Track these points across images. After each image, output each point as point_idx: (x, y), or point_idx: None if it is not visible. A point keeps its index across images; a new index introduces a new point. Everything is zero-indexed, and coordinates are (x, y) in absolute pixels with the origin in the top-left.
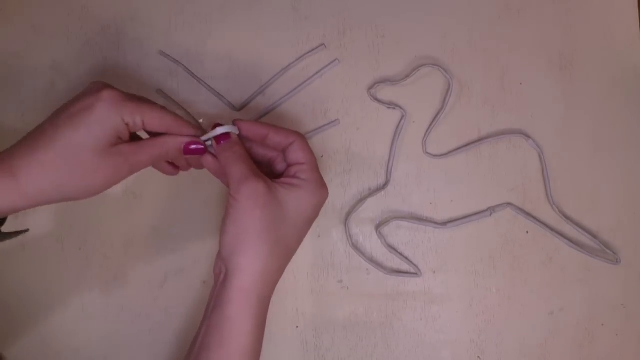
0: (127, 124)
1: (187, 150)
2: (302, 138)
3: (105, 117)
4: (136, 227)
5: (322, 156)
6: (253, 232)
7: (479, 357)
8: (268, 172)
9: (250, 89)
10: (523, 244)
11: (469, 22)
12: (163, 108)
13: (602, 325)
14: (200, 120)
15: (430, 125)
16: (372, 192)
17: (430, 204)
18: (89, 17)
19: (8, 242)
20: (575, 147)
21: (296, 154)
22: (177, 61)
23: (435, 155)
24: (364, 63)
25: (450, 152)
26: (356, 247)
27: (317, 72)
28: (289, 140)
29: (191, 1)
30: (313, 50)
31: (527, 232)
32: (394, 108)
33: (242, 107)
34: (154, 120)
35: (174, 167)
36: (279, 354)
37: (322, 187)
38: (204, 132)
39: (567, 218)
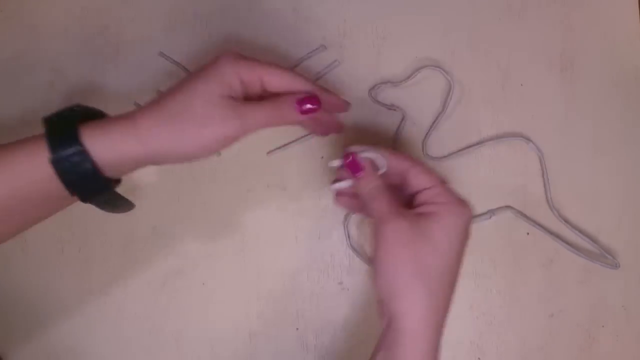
0: (242, 82)
1: (301, 111)
2: (419, 163)
3: (222, 71)
4: (136, 227)
5: (322, 157)
6: (405, 274)
7: (479, 358)
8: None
9: None
10: (523, 246)
11: (470, 23)
12: (286, 69)
13: (603, 327)
14: None
15: (431, 126)
16: None
17: None
18: (89, 17)
19: (8, 244)
20: (575, 148)
21: (417, 178)
22: (177, 62)
23: (435, 157)
24: (364, 64)
25: (450, 154)
26: (355, 249)
27: (317, 73)
28: (403, 165)
29: (191, 2)
30: (313, 51)
31: (528, 233)
32: (395, 109)
33: None
34: (273, 77)
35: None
36: (279, 356)
37: (462, 206)
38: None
39: (567, 221)
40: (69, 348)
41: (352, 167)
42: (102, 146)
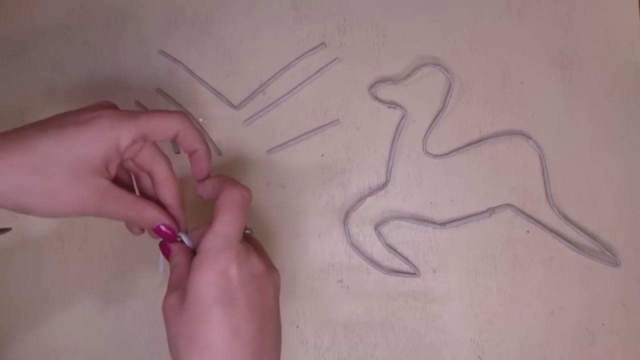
0: (119, 149)
1: (157, 230)
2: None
3: (99, 136)
4: None
5: (322, 155)
6: (179, 350)
7: (479, 356)
8: None
9: (250, 88)
10: (524, 243)
11: (470, 21)
12: (175, 113)
13: (603, 324)
14: (200, 120)
15: (431, 124)
16: (372, 192)
17: (431, 203)
18: (89, 16)
19: (8, 243)
20: (575, 146)
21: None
22: (177, 60)
23: (435, 155)
24: (364, 62)
25: (450, 152)
26: (355, 247)
27: (317, 71)
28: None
29: (191, 0)
30: (313, 49)
31: (528, 231)
32: (395, 107)
33: (241, 106)
34: (158, 126)
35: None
36: None
37: (211, 256)
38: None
39: (567, 219)
40: (68, 346)
41: (164, 251)
42: None
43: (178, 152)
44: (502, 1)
